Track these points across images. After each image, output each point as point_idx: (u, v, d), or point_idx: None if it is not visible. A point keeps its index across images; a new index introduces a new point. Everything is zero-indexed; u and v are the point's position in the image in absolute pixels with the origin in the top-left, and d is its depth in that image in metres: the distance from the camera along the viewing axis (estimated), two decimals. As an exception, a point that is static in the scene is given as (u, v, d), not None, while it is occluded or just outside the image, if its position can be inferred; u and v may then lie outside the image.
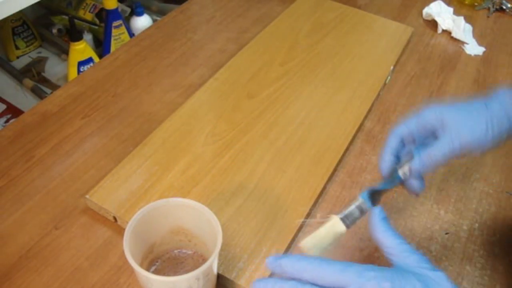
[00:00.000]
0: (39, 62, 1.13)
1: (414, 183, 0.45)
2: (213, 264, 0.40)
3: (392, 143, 0.46)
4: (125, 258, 0.38)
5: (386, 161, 0.45)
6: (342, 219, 0.41)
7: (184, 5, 0.89)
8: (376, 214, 0.38)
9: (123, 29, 1.07)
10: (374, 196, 0.43)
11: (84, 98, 0.67)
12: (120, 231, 0.50)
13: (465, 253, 0.52)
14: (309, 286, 0.33)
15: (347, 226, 0.41)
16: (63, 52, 1.12)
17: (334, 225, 0.41)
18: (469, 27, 0.87)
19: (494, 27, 0.91)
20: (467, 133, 0.42)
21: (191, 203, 0.43)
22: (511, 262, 0.51)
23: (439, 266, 0.50)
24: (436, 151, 0.42)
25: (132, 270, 0.47)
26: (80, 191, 0.55)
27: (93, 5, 1.14)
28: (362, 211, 0.42)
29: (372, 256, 0.51)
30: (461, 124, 0.42)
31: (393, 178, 0.45)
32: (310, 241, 0.40)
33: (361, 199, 0.42)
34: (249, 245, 0.49)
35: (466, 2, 0.96)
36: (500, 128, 0.42)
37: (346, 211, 0.41)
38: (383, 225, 0.37)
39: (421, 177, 0.45)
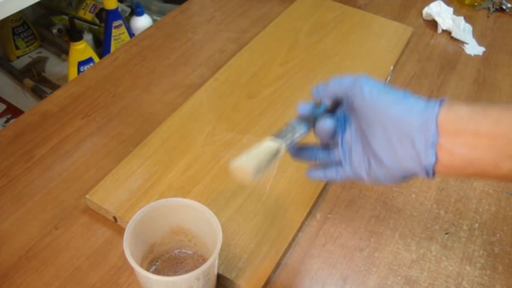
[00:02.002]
0: (39, 62, 1.13)
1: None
2: (213, 264, 0.40)
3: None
4: (125, 258, 0.38)
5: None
6: (275, 139, 0.38)
7: (184, 5, 0.89)
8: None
9: (123, 29, 1.07)
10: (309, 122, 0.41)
11: (84, 98, 0.67)
12: (120, 231, 0.51)
13: (465, 253, 0.52)
14: None
15: (284, 144, 0.39)
16: (63, 52, 1.12)
17: (266, 144, 0.38)
18: (469, 27, 0.87)
19: (494, 27, 0.91)
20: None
21: (191, 203, 0.43)
22: (511, 262, 0.51)
23: (439, 266, 0.50)
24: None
25: (132, 270, 0.47)
26: (80, 191, 0.55)
27: (93, 5, 1.14)
28: (296, 130, 0.40)
29: (372, 256, 0.51)
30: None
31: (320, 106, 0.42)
32: (247, 161, 0.37)
33: (293, 120, 0.40)
34: (249, 245, 0.49)
35: (466, 2, 0.96)
36: None
37: (279, 131, 0.39)
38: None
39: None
